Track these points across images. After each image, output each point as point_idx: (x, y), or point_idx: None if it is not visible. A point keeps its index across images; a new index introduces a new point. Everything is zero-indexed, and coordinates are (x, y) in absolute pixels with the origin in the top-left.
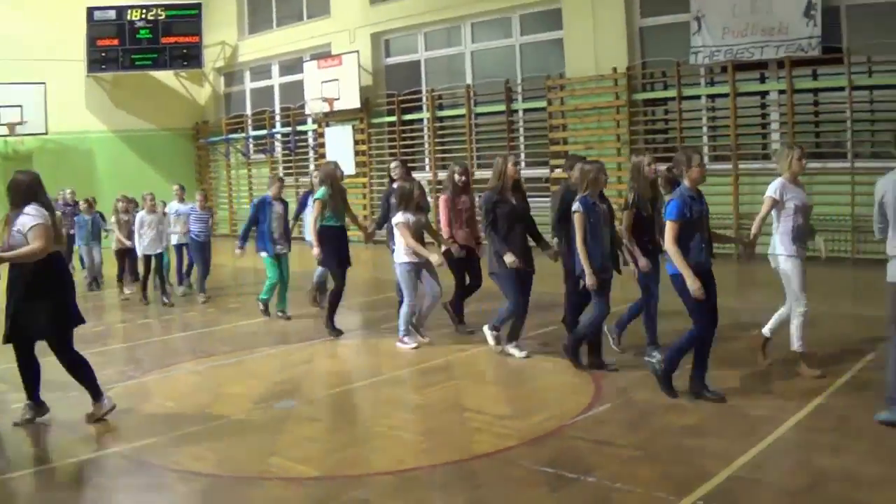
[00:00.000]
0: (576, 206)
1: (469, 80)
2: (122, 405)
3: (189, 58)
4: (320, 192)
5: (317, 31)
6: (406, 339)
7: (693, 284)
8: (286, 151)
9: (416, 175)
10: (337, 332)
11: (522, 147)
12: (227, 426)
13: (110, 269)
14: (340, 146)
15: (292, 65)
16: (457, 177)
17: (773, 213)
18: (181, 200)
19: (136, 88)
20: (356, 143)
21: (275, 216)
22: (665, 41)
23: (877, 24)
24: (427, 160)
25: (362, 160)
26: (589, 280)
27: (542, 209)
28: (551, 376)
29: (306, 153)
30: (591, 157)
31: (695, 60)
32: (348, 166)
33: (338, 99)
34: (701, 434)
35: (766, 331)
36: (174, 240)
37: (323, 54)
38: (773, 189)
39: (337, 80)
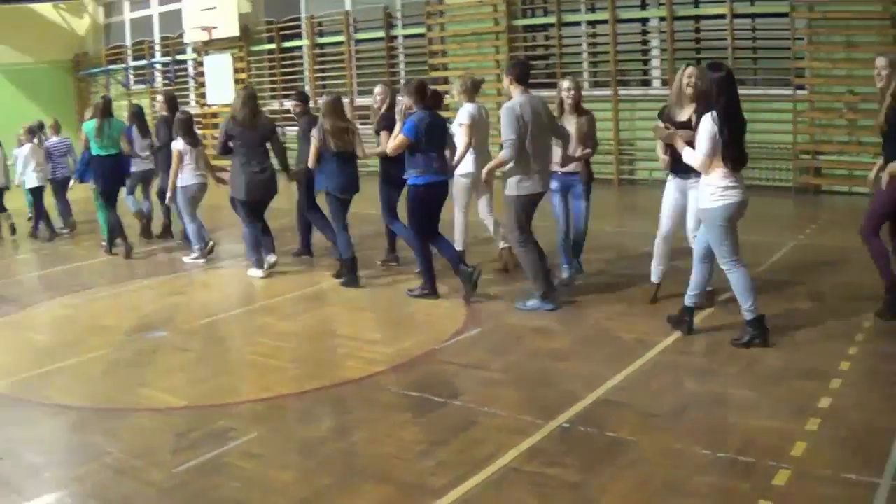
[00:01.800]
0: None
1: (348, 7)
2: None
3: None
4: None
5: None
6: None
7: None
8: (166, 81)
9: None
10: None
11: (403, 73)
12: (98, 359)
13: None
14: (219, 75)
15: None
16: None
17: None
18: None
19: (12, 21)
20: (235, 71)
21: None
22: None
23: None
24: (308, 88)
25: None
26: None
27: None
28: (424, 302)
29: (186, 83)
30: None
31: None
32: (227, 95)
33: (216, 27)
34: (569, 357)
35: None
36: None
37: None
38: None
39: (215, 7)
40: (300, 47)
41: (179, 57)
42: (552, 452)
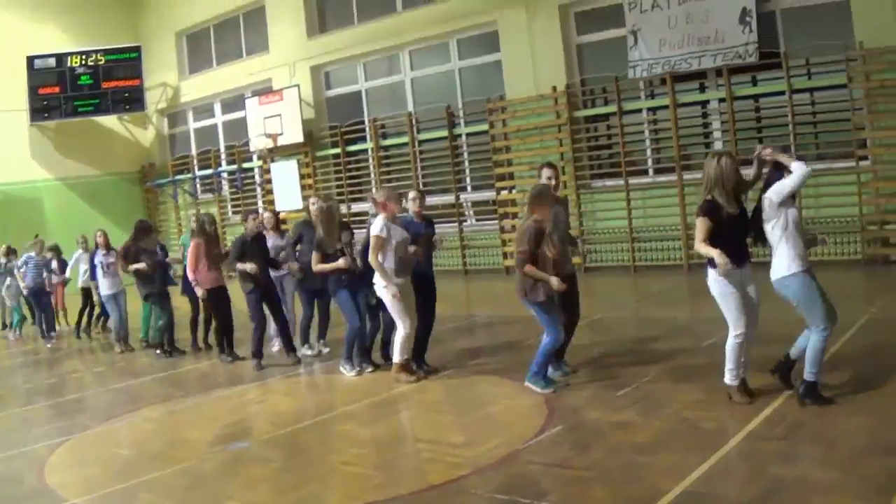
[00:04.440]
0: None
1: (411, 108)
2: (78, 457)
3: (131, 101)
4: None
5: (257, 67)
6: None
7: None
8: (233, 189)
9: (361, 206)
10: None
11: (467, 171)
12: (183, 471)
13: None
14: (286, 181)
15: (234, 102)
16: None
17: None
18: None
19: (80, 135)
20: (302, 176)
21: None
22: (603, 57)
23: (813, 25)
24: (374, 190)
25: (308, 194)
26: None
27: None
28: (504, 401)
29: (253, 190)
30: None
31: (633, 74)
32: (295, 201)
33: (281, 134)
34: (653, 451)
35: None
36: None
37: (264, 90)
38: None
39: (279, 115)
40: (365, 150)
41: (246, 165)
42: None
